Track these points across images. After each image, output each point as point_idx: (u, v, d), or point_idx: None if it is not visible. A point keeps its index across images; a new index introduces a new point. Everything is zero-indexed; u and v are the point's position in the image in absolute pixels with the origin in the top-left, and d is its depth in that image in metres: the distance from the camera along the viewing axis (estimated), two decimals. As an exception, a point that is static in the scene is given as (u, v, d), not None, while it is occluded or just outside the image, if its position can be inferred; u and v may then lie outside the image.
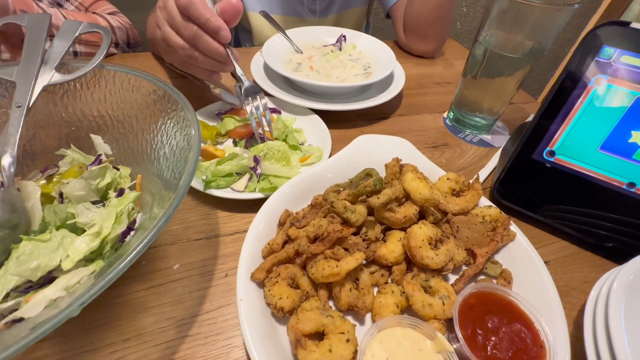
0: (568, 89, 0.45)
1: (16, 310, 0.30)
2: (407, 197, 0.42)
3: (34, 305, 0.26)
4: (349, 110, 0.64)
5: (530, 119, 0.70)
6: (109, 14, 0.83)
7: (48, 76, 0.42)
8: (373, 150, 0.51)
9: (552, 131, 0.47)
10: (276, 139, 0.56)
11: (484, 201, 0.45)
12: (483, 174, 0.57)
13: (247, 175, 0.49)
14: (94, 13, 0.78)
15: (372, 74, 0.70)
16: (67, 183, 0.39)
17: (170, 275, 0.40)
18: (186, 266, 0.41)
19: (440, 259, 0.36)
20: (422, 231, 0.38)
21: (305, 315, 0.31)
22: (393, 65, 0.68)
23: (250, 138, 0.57)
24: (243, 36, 1.05)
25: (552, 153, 0.47)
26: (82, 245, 0.32)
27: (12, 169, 0.36)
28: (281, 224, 0.42)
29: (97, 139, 0.45)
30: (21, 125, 0.38)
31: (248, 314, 0.32)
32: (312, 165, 0.52)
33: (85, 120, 0.45)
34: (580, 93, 0.45)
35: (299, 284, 0.37)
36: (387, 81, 0.71)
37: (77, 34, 0.45)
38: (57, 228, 0.35)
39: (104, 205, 0.39)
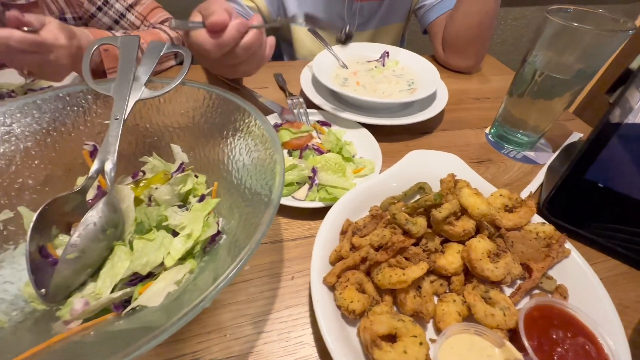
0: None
1: (126, 300, 0.35)
2: (462, 211, 0.45)
3: (153, 296, 0.30)
4: (394, 125, 0.67)
5: (572, 136, 0.71)
6: (162, 22, 0.90)
7: (139, 92, 0.47)
8: (424, 164, 0.54)
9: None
10: (329, 151, 0.59)
11: (536, 218, 0.47)
12: (529, 191, 0.58)
13: (306, 185, 0.53)
14: (154, 27, 0.84)
15: (416, 90, 0.73)
16: (156, 188, 0.44)
17: (242, 275, 0.44)
18: (256, 268, 0.45)
19: (500, 271, 0.39)
20: (482, 245, 0.40)
21: (378, 318, 0.34)
22: (438, 83, 0.71)
23: (304, 149, 0.60)
24: (284, 48, 1.10)
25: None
26: (179, 245, 0.36)
27: (112, 174, 0.41)
28: (343, 232, 0.45)
29: (176, 148, 0.49)
30: (119, 136, 0.43)
31: (324, 314, 0.35)
32: (366, 178, 0.56)
33: (166, 131, 0.50)
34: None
35: (365, 289, 0.39)
36: (430, 96, 0.74)
37: (161, 54, 0.50)
38: (149, 230, 0.39)
39: (187, 209, 0.43)
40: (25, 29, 0.54)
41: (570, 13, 0.54)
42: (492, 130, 0.71)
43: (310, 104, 0.71)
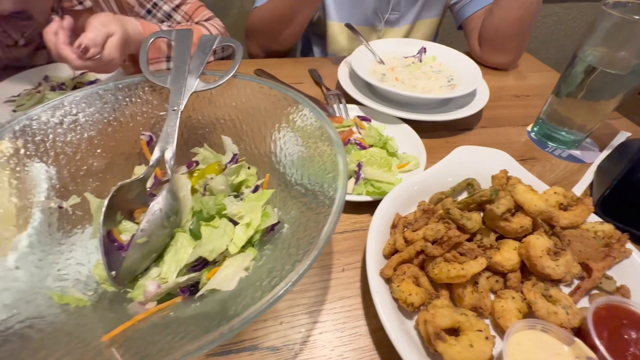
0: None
1: (192, 284, 0.36)
2: (516, 208, 0.44)
3: (225, 281, 0.31)
4: (433, 121, 0.66)
5: (620, 135, 0.69)
6: (206, 20, 0.91)
7: (194, 84, 0.48)
8: (472, 161, 0.53)
9: (665, 151, 0.47)
10: (371, 145, 0.59)
11: (593, 217, 0.46)
12: (578, 190, 0.57)
13: (352, 179, 0.53)
14: (196, 23, 0.86)
15: (456, 86, 0.72)
16: (211, 178, 0.45)
17: (294, 266, 0.44)
18: (306, 259, 0.45)
19: (561, 269, 0.38)
20: (540, 242, 0.39)
21: (440, 311, 0.34)
22: (479, 79, 0.69)
23: (345, 144, 0.60)
24: (315, 42, 1.11)
25: (663, 173, 0.47)
26: (240, 233, 0.37)
27: (172, 162, 0.42)
28: (394, 226, 0.45)
29: (227, 140, 0.50)
30: (177, 126, 0.44)
31: (384, 306, 0.35)
32: (411, 173, 0.55)
33: (217, 122, 0.51)
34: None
35: (420, 282, 0.39)
36: (469, 93, 0.73)
37: (214, 47, 0.51)
38: (209, 218, 0.40)
39: (241, 199, 0.44)
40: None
41: (629, 7, 0.52)
42: (536, 128, 0.69)
43: (348, 99, 0.71)
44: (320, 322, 0.39)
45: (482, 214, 0.43)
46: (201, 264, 0.37)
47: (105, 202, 0.37)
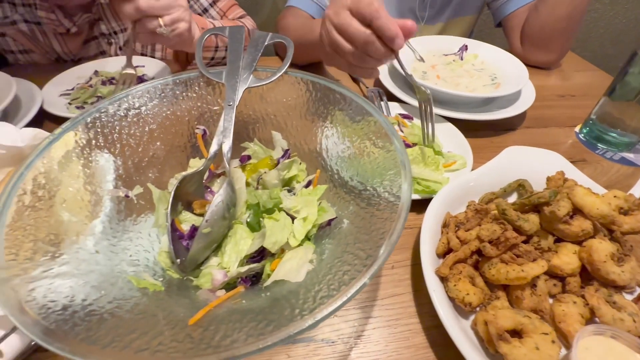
0: None
1: (254, 275, 0.37)
2: (574, 211, 0.43)
3: (292, 272, 0.31)
4: (476, 120, 0.65)
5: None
6: (239, 18, 0.93)
7: (247, 80, 0.49)
8: (523, 161, 0.52)
9: None
10: (415, 144, 0.59)
11: (655, 223, 0.44)
12: (635, 194, 0.55)
13: (399, 177, 0.53)
14: (234, 21, 0.88)
15: (500, 85, 0.70)
16: (265, 172, 0.46)
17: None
18: (356, 255, 0.46)
19: (626, 275, 0.37)
20: (604, 246, 0.38)
21: (502, 312, 0.34)
22: (525, 78, 0.68)
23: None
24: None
25: None
26: (299, 227, 0.38)
27: (229, 155, 0.44)
28: (445, 225, 0.45)
29: (276, 135, 0.51)
30: (233, 120, 0.45)
31: (442, 304, 0.35)
32: (458, 172, 0.55)
33: (267, 118, 0.52)
34: None
35: (475, 282, 0.39)
36: (514, 92, 0.71)
37: (265, 43, 0.52)
38: (267, 211, 0.41)
39: (294, 194, 0.45)
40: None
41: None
42: (585, 130, 0.67)
43: (389, 97, 0.71)
44: (373, 317, 0.40)
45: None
46: (259, 255, 0.38)
47: (172, 192, 0.39)
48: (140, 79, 0.76)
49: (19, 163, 0.45)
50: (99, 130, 0.42)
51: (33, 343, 0.34)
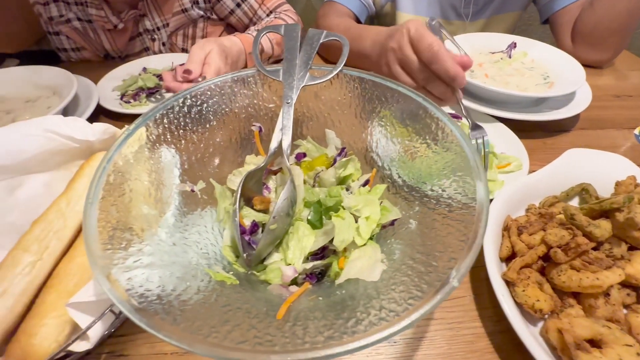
0: None
1: (318, 270, 0.37)
2: (647, 218, 0.41)
3: (366, 271, 0.31)
4: (527, 121, 0.63)
5: None
6: (279, 7, 0.93)
7: (304, 78, 0.49)
8: (585, 164, 0.50)
9: None
10: (466, 144, 0.58)
11: None
12: None
13: (453, 178, 0.52)
14: (276, 17, 0.88)
15: (553, 84, 0.67)
16: (322, 170, 0.46)
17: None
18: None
19: None
20: (685, 256, 0.36)
21: (578, 321, 0.33)
22: (582, 78, 0.65)
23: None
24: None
25: None
26: (363, 226, 0.38)
27: (288, 151, 0.44)
28: (506, 229, 0.44)
29: (330, 133, 0.51)
30: (292, 117, 0.46)
31: (511, 309, 0.35)
32: (513, 174, 0.53)
33: (321, 116, 0.52)
34: None
35: (544, 289, 0.38)
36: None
37: (321, 41, 0.52)
38: (328, 209, 0.41)
39: (351, 193, 0.45)
40: (200, 79, 0.62)
41: None
42: (646, 132, 0.64)
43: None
44: (435, 319, 0.39)
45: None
46: (321, 252, 0.39)
47: (239, 189, 0.39)
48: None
49: (88, 156, 0.47)
50: (166, 126, 0.43)
51: (106, 332, 0.36)
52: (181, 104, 0.45)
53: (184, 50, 0.95)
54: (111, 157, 0.36)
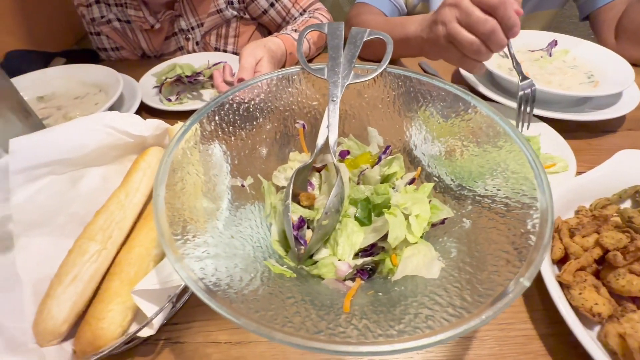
0: None
1: (369, 266, 0.38)
2: None
3: (424, 269, 0.32)
4: (570, 120, 0.61)
5: None
6: (311, 6, 0.94)
7: (348, 76, 0.49)
8: (637, 166, 0.48)
9: None
10: (507, 144, 0.57)
11: None
12: None
13: (497, 178, 0.51)
14: (311, 17, 0.89)
15: (599, 83, 0.65)
16: (367, 168, 0.46)
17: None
18: (457, 255, 0.45)
19: None
20: None
21: (642, 326, 0.32)
22: (631, 78, 0.62)
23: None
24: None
25: None
26: (414, 224, 0.38)
27: (335, 148, 0.45)
28: (556, 230, 0.43)
29: (372, 132, 0.51)
30: (337, 115, 0.46)
31: (568, 311, 0.34)
32: (559, 175, 0.52)
33: (363, 114, 0.52)
34: None
35: (600, 292, 0.37)
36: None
37: (364, 39, 0.52)
38: (376, 207, 0.41)
39: (397, 191, 0.45)
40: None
41: None
42: (700, 133, 0.61)
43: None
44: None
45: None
46: (371, 249, 0.39)
47: (291, 185, 0.40)
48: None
49: (141, 151, 0.49)
50: (217, 122, 0.44)
51: (164, 320, 0.37)
52: (230, 102, 0.46)
53: (217, 49, 0.97)
54: (171, 153, 0.37)
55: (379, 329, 0.24)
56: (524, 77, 0.56)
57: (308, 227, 0.43)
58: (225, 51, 0.98)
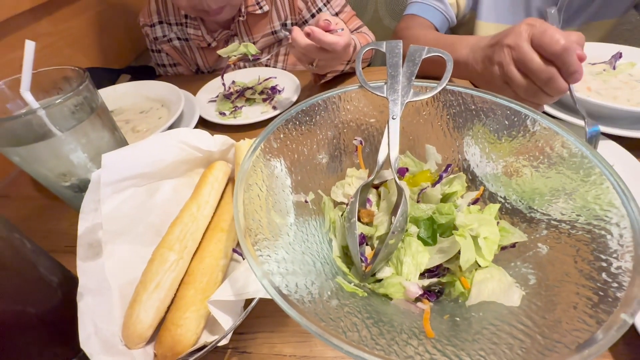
0: None
1: (436, 288, 0.37)
2: None
3: (501, 295, 0.31)
4: (633, 138, 0.58)
5: None
6: (357, 29, 0.96)
7: (408, 94, 0.50)
8: None
9: None
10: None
11: None
12: None
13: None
14: (358, 33, 0.91)
15: (672, 99, 0.61)
16: (427, 186, 0.46)
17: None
18: (523, 279, 0.43)
19: None
20: None
21: None
22: None
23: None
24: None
25: None
26: (484, 247, 0.37)
27: (396, 165, 0.45)
28: None
29: (431, 149, 0.51)
30: (398, 133, 0.47)
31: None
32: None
33: (421, 131, 0.52)
34: None
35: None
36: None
37: (423, 57, 0.52)
38: (440, 227, 0.41)
39: (459, 211, 0.44)
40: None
41: None
42: None
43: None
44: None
45: None
46: (436, 270, 0.39)
47: (357, 201, 0.41)
48: (274, 89, 0.82)
49: (207, 165, 0.52)
50: (281, 139, 0.46)
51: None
52: (293, 119, 0.48)
53: (267, 66, 1.01)
54: (246, 170, 0.39)
55: (468, 357, 0.24)
56: (590, 122, 0.53)
57: (367, 244, 0.44)
58: (274, 67, 1.02)
